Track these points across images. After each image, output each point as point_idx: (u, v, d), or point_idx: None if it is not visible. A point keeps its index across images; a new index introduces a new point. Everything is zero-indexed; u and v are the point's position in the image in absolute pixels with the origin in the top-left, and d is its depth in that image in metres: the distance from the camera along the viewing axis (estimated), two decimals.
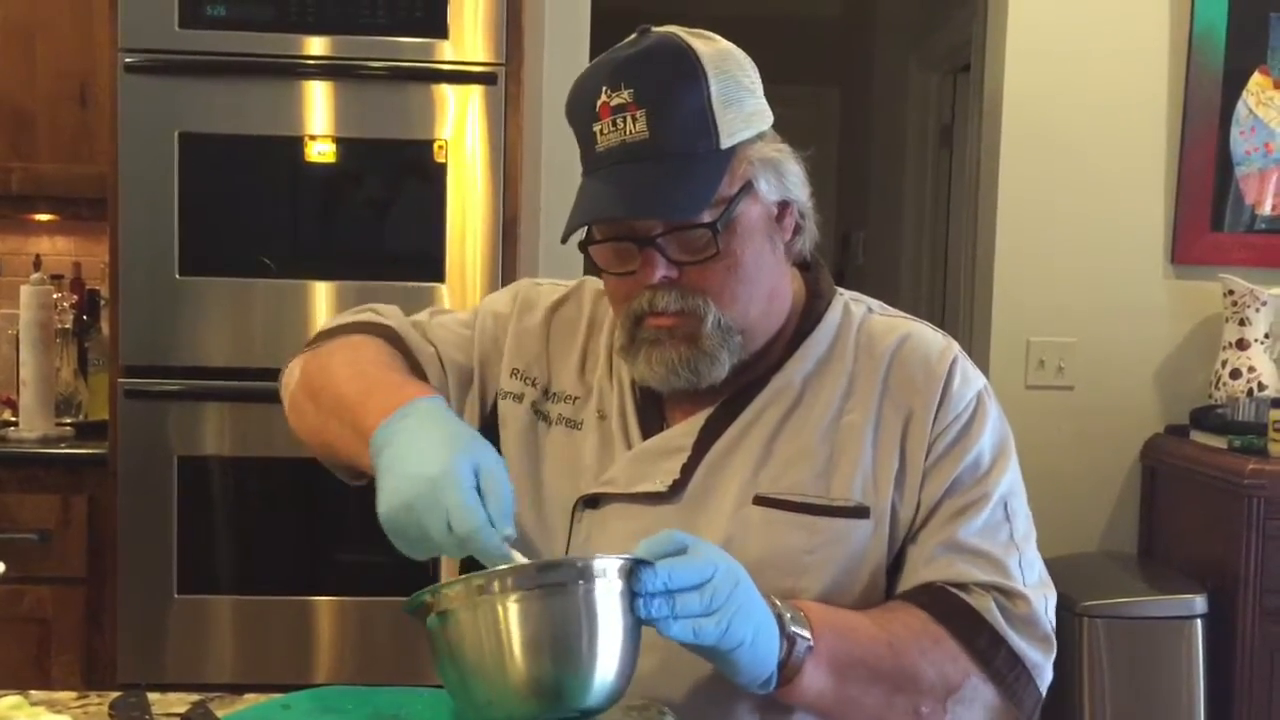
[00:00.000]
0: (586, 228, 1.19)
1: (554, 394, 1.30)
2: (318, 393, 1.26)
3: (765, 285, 1.21)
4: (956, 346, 1.27)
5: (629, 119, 1.12)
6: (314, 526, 2.57)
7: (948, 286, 4.06)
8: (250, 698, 1.12)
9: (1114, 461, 2.98)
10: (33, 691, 1.09)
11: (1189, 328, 2.97)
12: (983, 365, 2.98)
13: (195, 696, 1.11)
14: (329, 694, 1.14)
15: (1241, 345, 2.81)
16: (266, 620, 2.53)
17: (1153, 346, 2.97)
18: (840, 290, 1.31)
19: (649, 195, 1.12)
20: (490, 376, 1.33)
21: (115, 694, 1.10)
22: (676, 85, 1.13)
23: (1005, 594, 1.16)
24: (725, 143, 1.15)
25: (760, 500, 1.18)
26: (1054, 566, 2.90)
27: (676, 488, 1.20)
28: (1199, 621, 2.58)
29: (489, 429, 1.29)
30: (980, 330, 3.03)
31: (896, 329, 1.26)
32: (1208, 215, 2.95)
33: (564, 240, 1.19)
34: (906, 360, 1.23)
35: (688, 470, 1.21)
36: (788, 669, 1.06)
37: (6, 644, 2.53)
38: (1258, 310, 2.79)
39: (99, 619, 2.55)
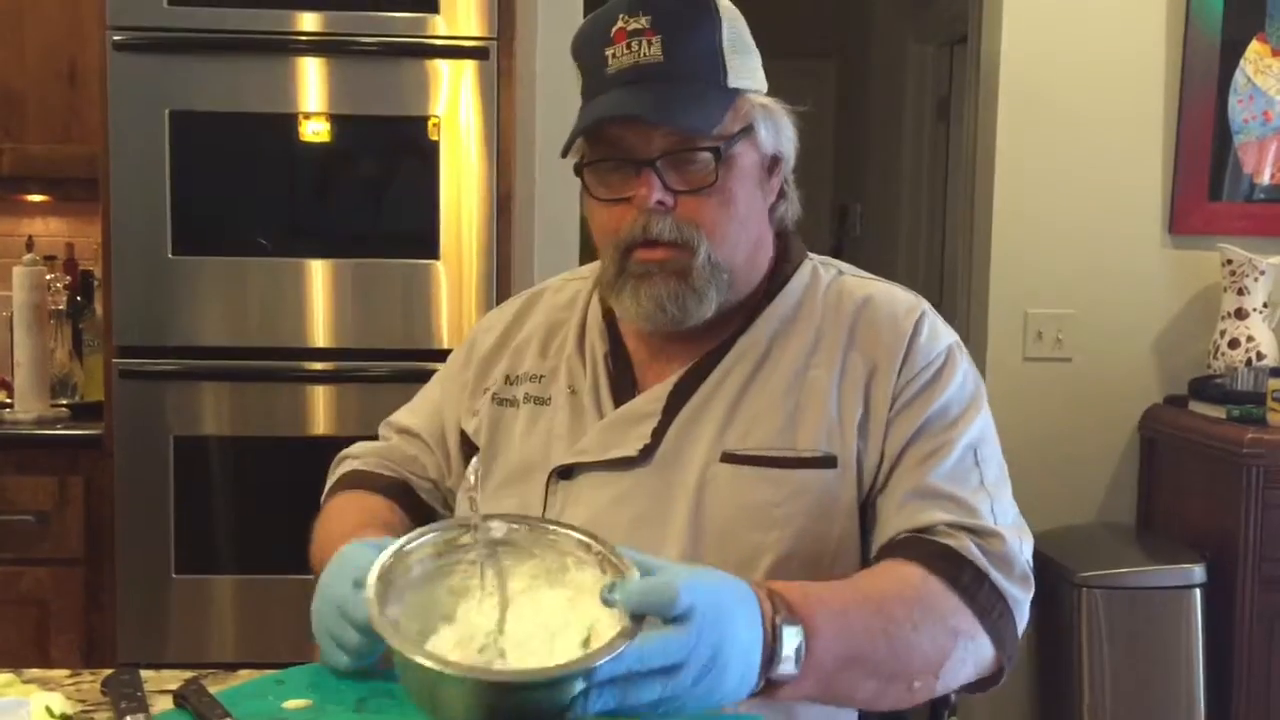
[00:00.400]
0: (582, 155, 1.21)
1: (515, 377, 1.32)
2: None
3: (753, 231, 1.24)
4: (925, 304, 1.27)
5: (644, 43, 1.16)
6: (312, 505, 2.57)
7: (945, 259, 4.05)
8: (245, 674, 1.12)
9: (1112, 432, 2.97)
10: (25, 670, 1.09)
11: (1187, 298, 2.96)
12: (981, 337, 2.98)
13: (190, 674, 1.10)
14: (324, 670, 1.13)
15: (1240, 315, 2.80)
16: (266, 600, 2.53)
17: (1151, 317, 2.96)
18: (810, 255, 1.33)
19: (663, 105, 1.15)
20: (453, 423, 1.37)
21: (108, 672, 1.09)
22: (693, 18, 1.18)
23: (978, 533, 1.14)
24: (732, 83, 1.19)
25: (728, 458, 1.19)
26: (1052, 538, 2.90)
27: (647, 451, 1.21)
28: (1198, 591, 2.58)
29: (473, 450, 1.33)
30: (978, 302, 3.03)
31: (865, 288, 1.28)
32: (1206, 185, 2.93)
33: (564, 153, 1.21)
34: (873, 316, 1.24)
35: (658, 434, 1.21)
36: (765, 690, 1.00)
37: (6, 625, 2.53)
38: (1256, 279, 2.78)
39: (98, 600, 2.55)
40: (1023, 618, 1.16)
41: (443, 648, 0.95)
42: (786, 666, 0.98)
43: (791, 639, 0.98)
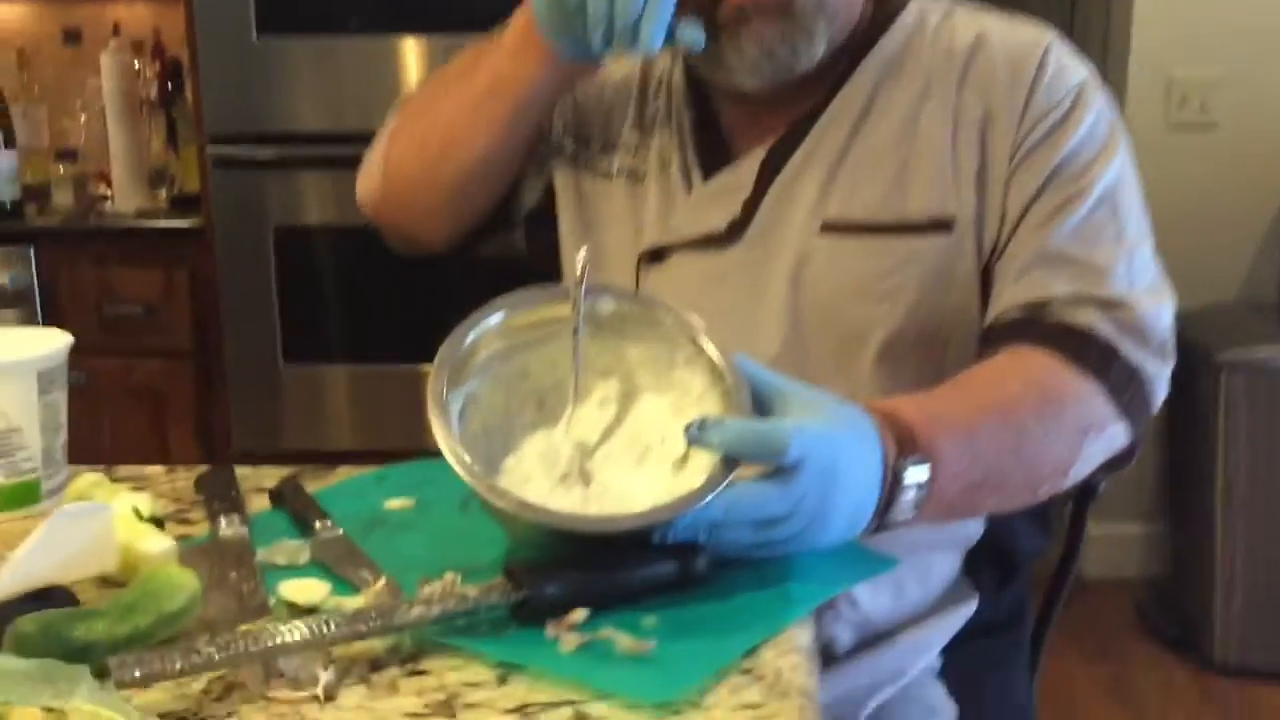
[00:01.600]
0: None
1: (611, 145, 1.19)
2: (433, 100, 1.20)
3: None
4: (1052, 35, 1.11)
5: None
6: (419, 293, 2.53)
7: (1076, 13, 3.79)
8: (343, 470, 1.07)
9: (1258, 204, 2.79)
10: (118, 466, 1.05)
11: None
12: (1117, 102, 2.78)
13: (287, 470, 1.06)
14: (427, 467, 1.08)
15: None
16: (377, 389, 2.54)
17: None
18: None
19: None
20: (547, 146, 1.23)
21: (202, 469, 1.05)
22: None
23: (1105, 304, 1.02)
24: None
25: (828, 227, 1.07)
26: (1191, 317, 2.75)
27: (737, 227, 1.10)
28: None
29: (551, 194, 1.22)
30: (1116, 64, 2.82)
31: (980, 23, 1.12)
32: None
33: None
34: (990, 55, 1.09)
35: (750, 207, 1.10)
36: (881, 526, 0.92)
37: (124, 416, 2.58)
38: None
39: (210, 390, 2.58)
40: (1160, 391, 1.05)
41: (527, 457, 0.89)
42: (904, 512, 0.89)
43: (915, 479, 0.89)
